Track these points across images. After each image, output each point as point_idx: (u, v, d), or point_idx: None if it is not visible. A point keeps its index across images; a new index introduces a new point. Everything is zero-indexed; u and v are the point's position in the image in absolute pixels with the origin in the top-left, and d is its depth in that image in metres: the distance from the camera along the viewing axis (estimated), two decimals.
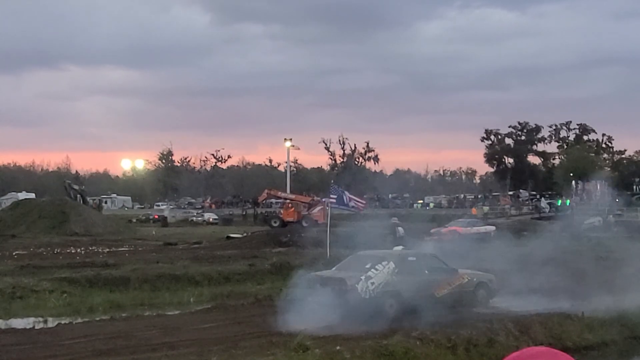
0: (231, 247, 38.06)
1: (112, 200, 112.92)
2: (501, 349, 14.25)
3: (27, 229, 50.34)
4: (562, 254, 24.65)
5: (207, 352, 12.90)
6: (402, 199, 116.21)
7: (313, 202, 60.15)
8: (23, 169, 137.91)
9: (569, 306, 17.42)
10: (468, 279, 18.57)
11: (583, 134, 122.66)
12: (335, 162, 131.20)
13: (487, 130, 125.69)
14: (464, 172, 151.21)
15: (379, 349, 13.15)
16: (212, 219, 75.77)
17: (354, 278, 16.75)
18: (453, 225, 45.64)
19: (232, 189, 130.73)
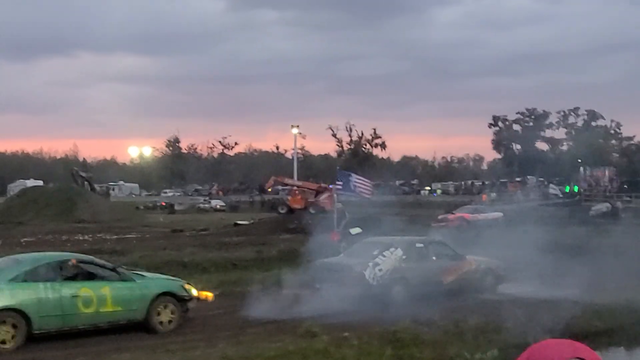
0: (238, 234, 38.10)
1: (119, 188, 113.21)
2: (509, 335, 14.19)
3: (34, 216, 50.55)
4: (570, 241, 24.58)
5: (215, 339, 12.91)
6: (410, 185, 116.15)
7: (320, 188, 60.07)
8: (31, 157, 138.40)
9: (577, 292, 17.35)
10: (476, 266, 18.53)
11: (591, 120, 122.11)
12: (342, 148, 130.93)
13: (495, 116, 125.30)
14: (471, 158, 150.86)
15: (387, 335, 13.13)
16: (219, 205, 75.89)
17: (362, 265, 16.72)
18: (460, 212, 45.55)
19: (239, 176, 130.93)
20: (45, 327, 12.71)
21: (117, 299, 13.51)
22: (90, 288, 13.25)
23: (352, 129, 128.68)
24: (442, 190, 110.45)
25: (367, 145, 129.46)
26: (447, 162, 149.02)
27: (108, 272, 13.83)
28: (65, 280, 13.10)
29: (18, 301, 12.42)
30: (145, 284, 14.20)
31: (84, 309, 13.07)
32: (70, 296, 12.94)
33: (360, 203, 52.57)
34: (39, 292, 12.66)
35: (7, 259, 14.35)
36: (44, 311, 12.61)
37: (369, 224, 37.27)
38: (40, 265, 13.24)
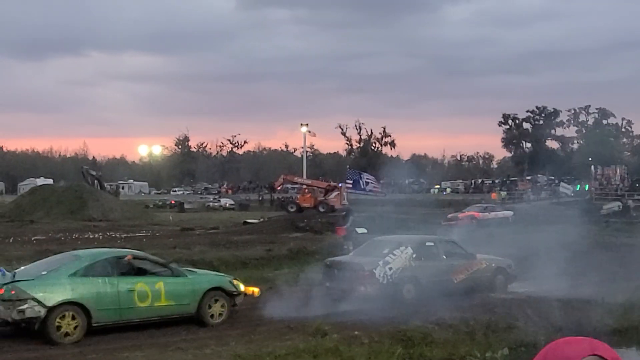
0: (248, 232, 38.12)
1: (129, 186, 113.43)
2: (520, 334, 14.18)
3: (45, 215, 50.68)
4: (581, 239, 24.48)
5: (226, 337, 12.92)
6: (419, 184, 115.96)
7: (329, 187, 60.09)
8: (41, 155, 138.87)
9: (589, 291, 17.29)
10: (486, 264, 18.46)
11: (602, 118, 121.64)
12: (352, 147, 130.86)
13: (505, 114, 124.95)
14: (481, 156, 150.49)
15: (397, 334, 13.12)
16: (228, 204, 75.96)
17: (372, 263, 16.70)
18: (470, 210, 45.46)
19: (249, 174, 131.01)
20: (104, 320, 13.18)
21: (171, 293, 13.96)
22: (145, 283, 13.73)
23: (361, 127, 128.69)
24: (451, 188, 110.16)
25: (377, 144, 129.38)
26: (457, 161, 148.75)
27: (161, 268, 14.40)
28: (122, 275, 13.61)
29: (79, 295, 12.85)
30: (197, 279, 14.66)
31: (139, 303, 13.54)
32: (127, 291, 13.40)
33: (370, 201, 52.66)
34: (98, 287, 13.13)
35: (66, 254, 14.87)
36: (102, 305, 13.08)
37: (376, 222, 37.33)
38: (99, 260, 13.70)
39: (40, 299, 12.39)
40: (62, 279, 12.90)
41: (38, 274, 12.99)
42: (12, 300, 12.33)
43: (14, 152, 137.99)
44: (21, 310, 12.26)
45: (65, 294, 12.73)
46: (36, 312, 12.33)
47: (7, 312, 12.35)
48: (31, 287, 12.50)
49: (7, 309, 12.35)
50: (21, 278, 12.72)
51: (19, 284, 12.51)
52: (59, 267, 13.28)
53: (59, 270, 13.15)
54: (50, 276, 12.94)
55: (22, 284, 12.53)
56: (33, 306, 12.31)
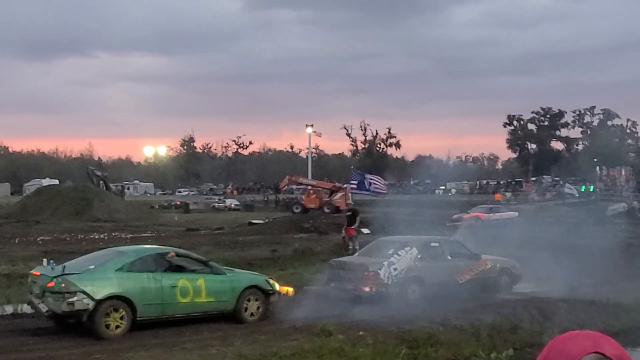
0: (253, 232, 38.17)
1: (134, 187, 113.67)
2: (525, 335, 14.16)
3: (51, 215, 50.82)
4: (586, 240, 24.45)
5: (231, 337, 12.93)
6: (424, 184, 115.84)
7: (334, 188, 60.10)
8: (47, 156, 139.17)
9: (594, 292, 17.27)
10: (491, 265, 18.44)
11: (607, 119, 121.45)
12: (357, 148, 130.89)
13: (510, 115, 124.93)
14: (485, 157, 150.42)
15: (402, 334, 13.12)
16: (233, 205, 76.04)
17: (377, 264, 16.71)
18: (475, 211, 45.42)
19: (254, 175, 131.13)
20: (148, 314, 13.55)
21: (211, 290, 14.33)
22: (187, 279, 14.09)
23: (366, 128, 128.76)
24: (456, 189, 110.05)
25: (382, 145, 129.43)
26: (462, 162, 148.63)
27: (201, 266, 14.76)
28: (165, 271, 13.98)
29: (125, 289, 13.24)
30: (235, 277, 15.08)
31: (181, 299, 13.91)
32: (170, 286, 13.79)
33: (374, 202, 52.65)
34: (142, 282, 13.52)
35: (110, 251, 15.24)
36: (147, 299, 13.48)
37: (380, 223, 37.30)
38: (143, 257, 14.13)
39: (89, 292, 12.78)
40: (109, 273, 13.31)
41: (86, 268, 13.36)
42: (62, 293, 12.70)
43: (19, 153, 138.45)
44: (71, 302, 12.64)
45: (112, 288, 13.14)
46: (85, 305, 12.71)
47: (57, 304, 12.72)
48: (80, 280, 12.88)
49: (56, 301, 12.74)
50: (70, 272, 13.06)
51: (68, 277, 12.88)
52: (105, 262, 13.69)
53: (105, 265, 13.56)
54: (98, 270, 13.35)
55: (72, 277, 12.89)
56: (82, 299, 12.70)
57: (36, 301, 13.30)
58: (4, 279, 20.02)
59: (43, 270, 13.63)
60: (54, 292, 12.81)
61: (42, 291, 13.15)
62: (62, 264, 13.69)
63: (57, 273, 13.04)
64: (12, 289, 18.47)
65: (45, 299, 13.01)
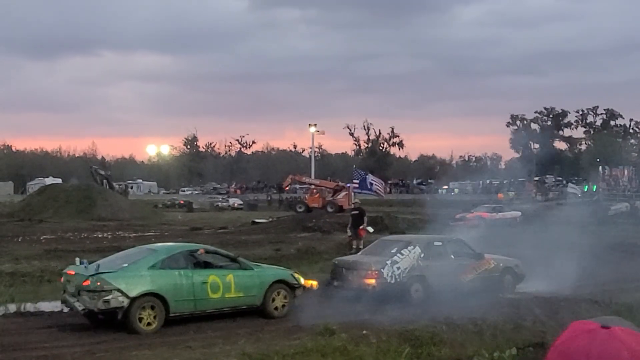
0: (257, 232, 38.20)
1: (137, 186, 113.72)
2: (528, 334, 14.17)
3: (54, 214, 50.86)
4: (588, 240, 24.45)
5: (234, 336, 12.96)
6: (427, 184, 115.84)
7: (338, 187, 60.12)
8: (50, 155, 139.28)
9: (596, 291, 17.27)
10: (494, 264, 18.43)
11: (610, 119, 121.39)
12: (360, 147, 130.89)
13: (513, 115, 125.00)
14: (489, 157, 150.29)
15: (405, 333, 13.14)
16: (237, 204, 76.03)
17: (380, 263, 16.73)
18: (478, 211, 45.42)
19: (257, 174, 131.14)
20: (180, 310, 13.87)
21: (240, 285, 14.69)
22: (217, 275, 14.42)
23: (369, 127, 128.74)
24: (459, 189, 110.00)
25: (385, 144, 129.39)
26: (465, 161, 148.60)
27: (230, 261, 15.12)
28: (196, 268, 14.29)
29: (158, 286, 13.56)
30: (263, 272, 15.44)
31: (212, 295, 14.24)
32: (201, 282, 14.11)
33: (377, 201, 52.65)
34: (174, 279, 13.83)
35: (142, 248, 15.56)
36: (179, 296, 13.78)
37: (384, 222, 37.30)
38: (175, 254, 14.44)
39: (124, 290, 13.10)
40: (142, 271, 13.63)
41: (119, 267, 13.66)
42: (97, 291, 13.05)
43: (23, 152, 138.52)
44: (106, 300, 12.98)
45: (146, 285, 13.44)
46: (120, 303, 13.03)
47: (93, 302, 13.07)
48: (115, 278, 13.19)
49: (92, 299, 13.10)
50: (104, 270, 13.37)
51: (103, 276, 13.20)
52: (138, 260, 14.00)
53: (138, 263, 13.88)
54: (131, 268, 13.66)
55: (107, 276, 13.21)
56: (117, 297, 13.03)
57: (71, 299, 13.58)
58: (7, 277, 20.05)
59: (77, 269, 13.91)
60: (89, 290, 13.16)
61: (78, 290, 13.42)
62: (94, 262, 14.03)
63: (91, 272, 13.36)
64: (16, 288, 18.54)
65: (81, 298, 13.32)
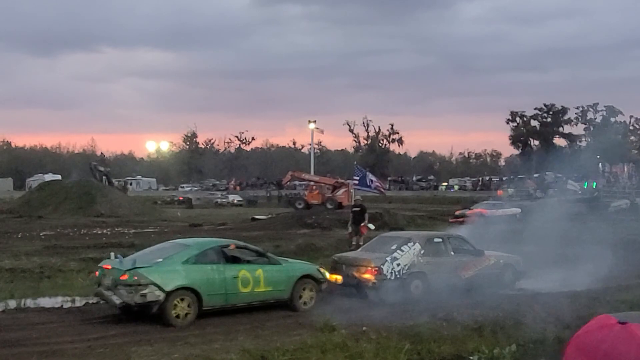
0: (256, 228, 38.18)
1: (137, 182, 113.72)
2: (528, 331, 14.16)
3: (53, 210, 50.87)
4: (589, 237, 24.46)
5: (234, 332, 12.95)
6: (427, 181, 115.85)
7: (337, 184, 60.12)
8: (49, 151, 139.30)
9: (596, 288, 17.27)
10: (494, 261, 18.42)
11: (610, 116, 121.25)
12: (359, 144, 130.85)
13: (513, 112, 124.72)
14: (488, 154, 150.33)
15: (405, 330, 13.13)
16: (236, 200, 76.04)
17: (380, 259, 16.72)
18: (478, 207, 45.39)
19: (256, 171, 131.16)
20: (212, 304, 14.21)
21: (269, 280, 15.01)
22: (247, 270, 14.77)
23: (369, 124, 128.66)
24: (459, 186, 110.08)
25: (384, 141, 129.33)
26: (465, 158, 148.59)
27: (259, 256, 15.48)
28: (227, 262, 14.64)
29: (191, 281, 13.90)
30: (290, 267, 15.80)
31: (242, 289, 14.59)
32: (232, 277, 14.46)
33: (377, 198, 52.67)
34: (207, 273, 14.17)
35: (174, 243, 15.87)
36: (211, 290, 14.12)
37: (383, 219, 37.28)
38: (207, 249, 14.77)
39: (160, 284, 13.45)
40: (176, 265, 13.96)
41: (154, 261, 13.97)
42: (134, 285, 13.40)
43: (22, 148, 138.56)
44: (143, 294, 13.33)
45: (180, 279, 13.78)
46: (156, 296, 13.38)
47: (130, 296, 13.41)
48: (151, 273, 13.55)
49: (129, 293, 13.44)
50: (140, 265, 13.72)
51: (140, 270, 13.56)
52: (172, 255, 14.32)
53: (172, 257, 14.20)
54: (166, 263, 13.99)
55: (143, 270, 13.57)
56: (153, 290, 13.38)
57: (107, 293, 13.89)
58: (7, 273, 20.05)
59: (113, 263, 14.24)
60: (126, 284, 13.49)
61: (115, 284, 13.74)
62: (129, 257, 14.45)
63: (128, 266, 13.69)
64: (16, 284, 18.54)
65: (118, 291, 13.63)
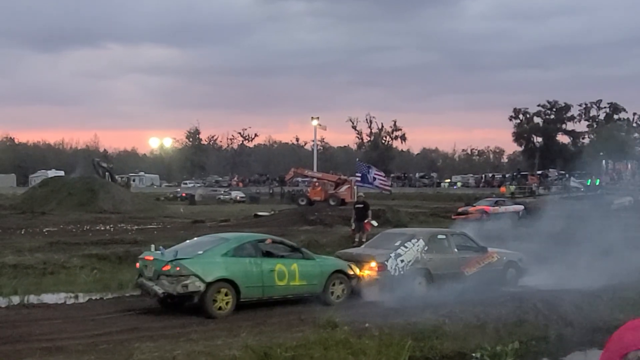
0: (259, 225, 38.14)
1: (140, 178, 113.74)
2: (530, 328, 14.18)
3: (56, 206, 50.87)
4: (591, 234, 24.42)
5: (236, 328, 12.95)
6: (430, 178, 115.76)
7: (340, 180, 60.12)
8: (52, 147, 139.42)
9: (599, 285, 17.25)
10: (498, 258, 18.43)
11: (613, 113, 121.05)
12: (362, 140, 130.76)
13: (516, 109, 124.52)
14: (491, 151, 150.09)
15: (408, 326, 13.13)
16: (239, 197, 76.02)
17: (383, 256, 16.74)
18: (481, 205, 45.40)
19: (259, 167, 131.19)
20: (249, 296, 14.72)
21: (303, 274, 15.45)
22: (283, 264, 15.25)
23: (372, 121, 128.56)
24: (462, 182, 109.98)
25: (387, 138, 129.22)
26: (468, 155, 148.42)
27: (294, 251, 15.99)
28: (264, 256, 15.14)
29: (231, 273, 14.43)
30: (324, 262, 16.21)
31: (278, 282, 15.06)
32: (269, 270, 14.94)
33: (379, 195, 52.66)
34: (245, 266, 14.69)
35: (213, 236, 16.39)
36: (249, 282, 14.62)
37: (382, 216, 37.27)
38: (245, 243, 15.29)
39: (201, 275, 13.96)
40: (216, 258, 14.47)
41: (195, 253, 14.49)
42: (176, 276, 13.92)
43: (25, 144, 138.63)
44: (185, 284, 13.84)
45: (220, 271, 14.28)
46: (197, 287, 13.88)
47: (172, 286, 13.93)
48: (192, 264, 14.06)
49: (171, 283, 13.95)
50: (182, 257, 14.22)
51: (182, 262, 14.07)
52: (212, 248, 14.84)
53: (213, 250, 14.73)
54: (206, 255, 14.51)
55: (185, 262, 14.09)
56: (194, 281, 13.89)
57: (149, 283, 14.39)
58: (10, 269, 20.05)
59: (155, 255, 14.76)
60: (169, 275, 14.00)
61: (157, 274, 14.24)
62: (170, 248, 15.00)
63: (170, 258, 14.21)
64: (19, 280, 18.55)
65: (160, 282, 14.11)
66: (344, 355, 11.54)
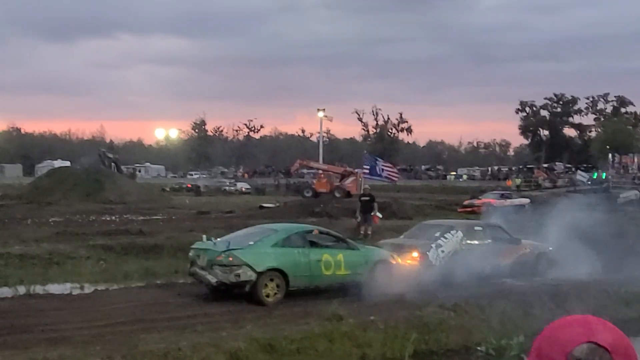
0: (264, 216, 38.11)
1: (145, 169, 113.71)
2: (536, 321, 14.13)
3: (62, 197, 50.84)
4: (598, 227, 24.33)
5: (242, 320, 12.97)
6: (435, 170, 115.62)
7: (345, 172, 60.02)
8: (59, 138, 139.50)
9: (605, 279, 17.22)
10: (530, 249, 18.99)
11: (621, 106, 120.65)
12: (368, 132, 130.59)
13: (522, 102, 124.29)
14: (497, 144, 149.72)
15: (413, 319, 13.13)
16: (244, 188, 75.89)
17: (425, 246, 16.95)
18: (487, 198, 45.30)
19: (265, 158, 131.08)
20: (298, 285, 15.18)
21: (348, 264, 15.81)
22: (329, 254, 15.67)
23: (378, 113, 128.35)
24: (467, 175, 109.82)
25: (393, 130, 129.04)
26: (474, 148, 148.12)
27: (340, 242, 16.41)
28: (311, 247, 15.59)
29: (280, 263, 14.91)
30: (368, 252, 16.60)
31: (325, 272, 15.47)
32: (316, 260, 15.38)
33: (385, 187, 52.58)
34: (294, 256, 15.15)
35: (263, 227, 16.84)
36: (297, 272, 15.08)
37: (388, 208, 37.22)
38: (293, 234, 15.85)
39: (252, 265, 14.47)
40: (266, 248, 15.00)
41: (246, 244, 15.00)
42: (229, 266, 14.45)
43: (31, 134, 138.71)
44: (237, 274, 14.37)
45: (270, 261, 14.78)
46: (249, 276, 14.39)
47: (225, 276, 14.47)
48: (244, 254, 14.60)
49: (224, 272, 14.48)
50: (234, 247, 14.71)
51: (234, 252, 14.58)
52: (262, 239, 15.35)
53: (263, 241, 15.25)
54: (257, 246, 15.02)
55: (237, 252, 14.61)
56: (246, 271, 14.40)
57: (202, 272, 14.86)
58: (16, 259, 20.08)
59: (206, 245, 15.26)
60: (222, 264, 14.51)
61: (210, 264, 14.68)
62: (222, 239, 15.51)
63: (222, 248, 14.71)
64: (25, 270, 18.58)
65: (213, 271, 14.58)
66: (349, 347, 11.57)
